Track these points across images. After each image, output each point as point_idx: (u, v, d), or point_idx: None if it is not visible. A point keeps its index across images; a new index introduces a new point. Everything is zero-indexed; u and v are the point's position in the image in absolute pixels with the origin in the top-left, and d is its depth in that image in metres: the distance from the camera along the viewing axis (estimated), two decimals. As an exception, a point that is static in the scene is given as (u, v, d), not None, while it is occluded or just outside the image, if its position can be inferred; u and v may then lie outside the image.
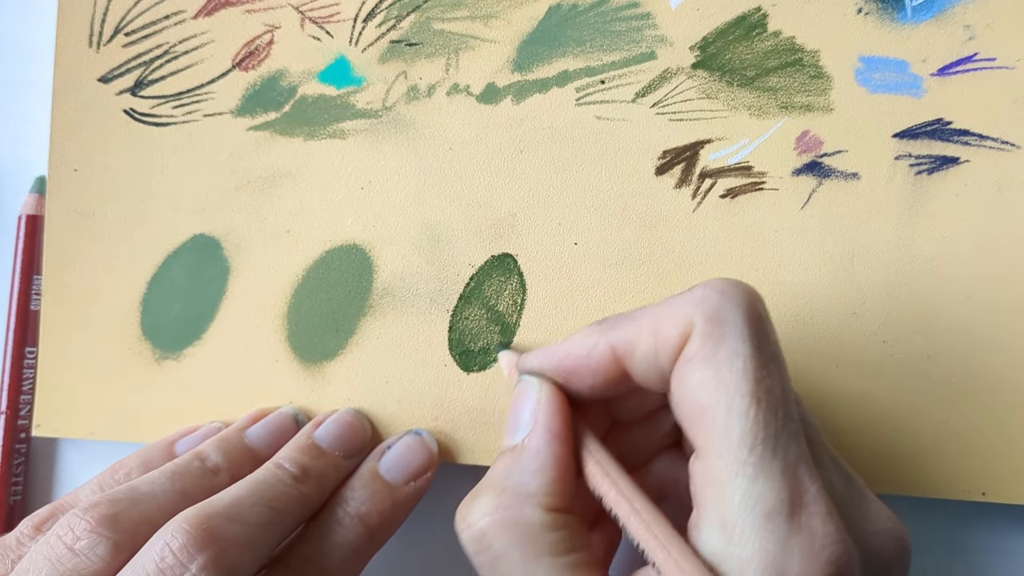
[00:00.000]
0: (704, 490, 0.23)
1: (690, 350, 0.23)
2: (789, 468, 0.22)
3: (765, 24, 0.32)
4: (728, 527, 0.22)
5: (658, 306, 0.25)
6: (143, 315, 0.34)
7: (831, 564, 0.22)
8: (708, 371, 0.23)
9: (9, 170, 0.37)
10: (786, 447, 0.22)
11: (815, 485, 0.22)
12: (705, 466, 0.23)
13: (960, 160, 0.31)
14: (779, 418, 0.22)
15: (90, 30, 0.34)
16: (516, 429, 0.26)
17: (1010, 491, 0.30)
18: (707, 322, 0.23)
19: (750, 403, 0.22)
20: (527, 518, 0.24)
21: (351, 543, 0.28)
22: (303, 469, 0.29)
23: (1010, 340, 0.31)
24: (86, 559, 0.25)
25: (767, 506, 0.22)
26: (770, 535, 0.22)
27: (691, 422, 0.23)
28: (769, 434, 0.22)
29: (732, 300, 0.23)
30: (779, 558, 0.21)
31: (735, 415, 0.22)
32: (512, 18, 0.33)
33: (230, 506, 0.26)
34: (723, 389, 0.23)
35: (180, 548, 0.24)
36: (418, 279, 0.33)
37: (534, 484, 0.25)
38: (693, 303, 0.24)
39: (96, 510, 0.26)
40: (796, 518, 0.22)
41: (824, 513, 0.22)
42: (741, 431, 0.22)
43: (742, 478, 0.22)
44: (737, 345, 0.23)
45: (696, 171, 0.32)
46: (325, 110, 0.34)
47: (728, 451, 0.22)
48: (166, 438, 0.32)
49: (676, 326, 0.24)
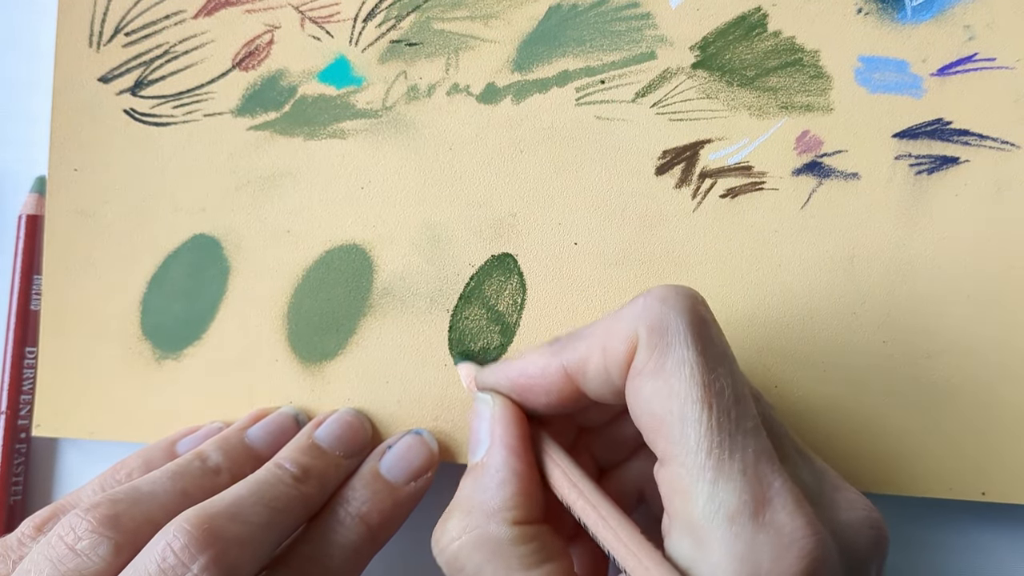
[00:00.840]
0: (670, 498, 0.23)
1: (638, 363, 0.24)
2: (749, 467, 0.22)
3: (765, 24, 0.32)
4: (695, 533, 0.22)
5: (605, 321, 0.25)
6: (143, 315, 0.34)
7: (803, 558, 0.22)
8: (658, 382, 0.23)
9: (9, 170, 0.37)
10: (743, 447, 0.22)
11: (779, 479, 0.22)
12: (668, 474, 0.23)
13: (960, 160, 0.31)
14: (732, 419, 0.23)
15: (90, 30, 0.34)
16: (476, 447, 0.27)
17: (1009, 491, 0.31)
18: (651, 333, 0.23)
19: (702, 409, 0.22)
20: (494, 535, 0.24)
21: (352, 543, 0.28)
22: (304, 469, 0.29)
23: (1010, 340, 0.31)
24: (87, 559, 0.25)
25: (730, 508, 0.22)
26: (736, 537, 0.22)
27: (649, 432, 0.24)
28: (724, 436, 0.22)
29: (673, 307, 0.24)
30: (748, 558, 0.21)
31: (689, 422, 0.22)
32: (512, 18, 0.33)
33: (231, 506, 0.26)
34: (674, 398, 0.23)
35: (181, 548, 0.24)
36: (418, 279, 0.33)
37: (497, 500, 0.25)
38: (635, 315, 0.24)
39: (97, 510, 0.26)
40: (760, 516, 0.22)
41: (791, 506, 0.22)
42: (696, 437, 0.22)
43: (703, 483, 0.22)
44: (683, 352, 0.23)
45: (696, 171, 0.32)
46: (325, 110, 0.34)
47: (687, 458, 0.22)
48: (167, 438, 0.32)
49: (622, 341, 0.24)
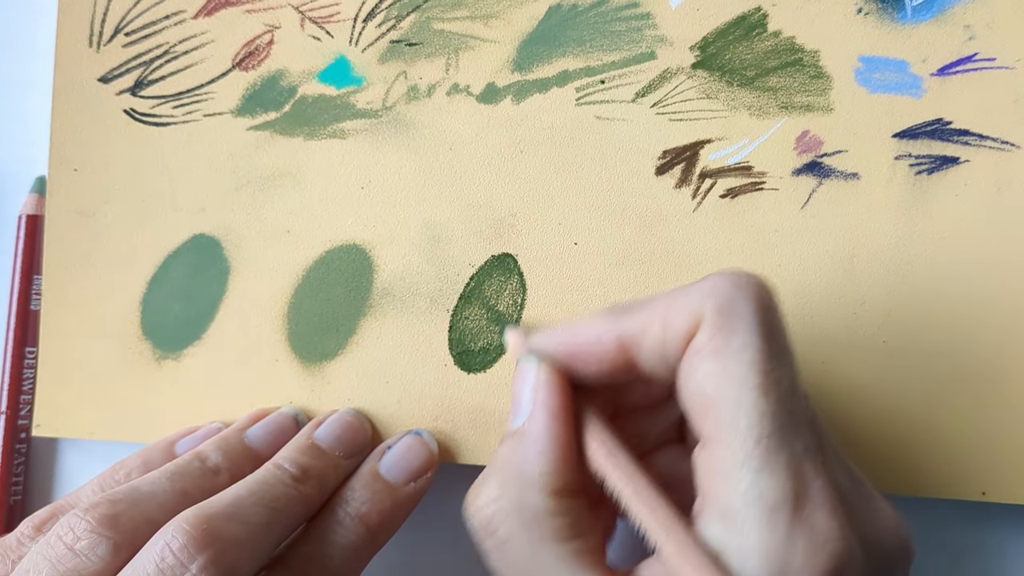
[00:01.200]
0: (708, 480, 0.23)
1: (699, 341, 0.23)
2: (795, 462, 0.22)
3: (765, 24, 0.32)
4: (731, 517, 0.22)
5: (668, 295, 0.24)
6: (143, 315, 0.34)
7: (833, 559, 0.22)
8: (717, 363, 0.23)
9: (9, 170, 0.37)
10: (792, 441, 0.22)
11: (820, 480, 0.22)
12: (710, 456, 0.23)
13: (960, 160, 0.31)
14: (787, 411, 0.22)
15: (90, 30, 0.34)
16: (518, 411, 0.26)
17: (1010, 491, 0.30)
18: (718, 313, 0.23)
19: (758, 396, 0.22)
20: (531, 503, 0.24)
21: (352, 543, 0.28)
22: (303, 469, 0.29)
23: (1010, 340, 0.31)
24: (86, 559, 0.25)
25: (772, 498, 0.22)
26: (773, 527, 0.21)
27: (698, 412, 0.23)
28: (776, 427, 0.22)
29: (744, 291, 0.23)
30: (781, 550, 0.21)
31: (743, 407, 0.22)
32: (512, 18, 0.33)
33: (230, 506, 0.26)
34: (731, 381, 0.22)
35: (180, 548, 0.24)
36: (418, 279, 0.33)
37: (536, 468, 0.24)
38: (704, 293, 0.23)
39: (96, 510, 0.26)
40: (800, 512, 0.22)
41: (828, 508, 0.22)
42: (748, 423, 0.22)
43: (747, 470, 0.22)
44: (747, 337, 0.23)
45: (696, 171, 0.32)
46: (325, 110, 0.34)
47: (734, 442, 0.22)
48: (166, 438, 0.32)
49: (686, 316, 0.23)
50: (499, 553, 0.24)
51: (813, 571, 0.21)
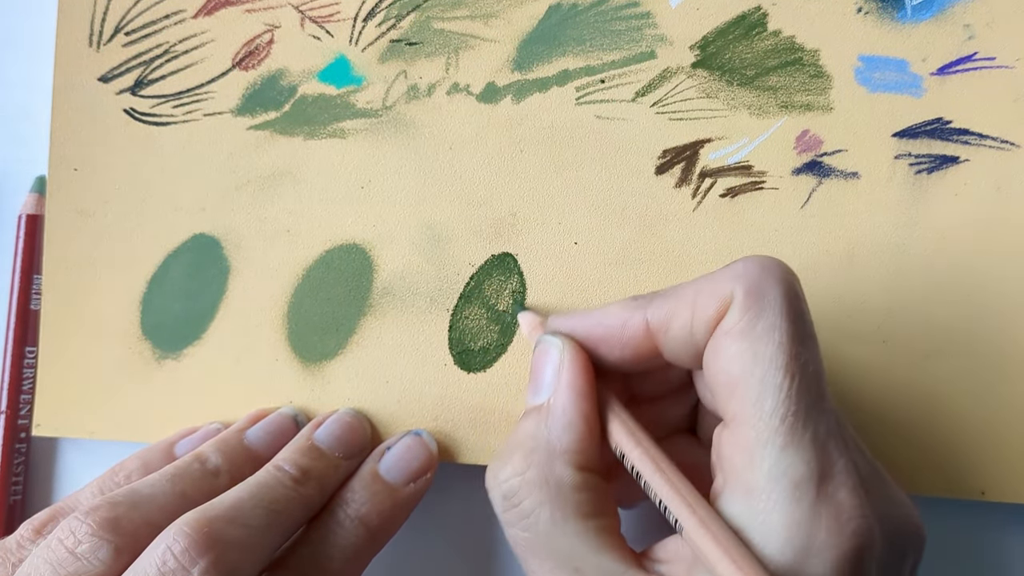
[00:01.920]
0: (732, 458, 0.23)
1: (728, 322, 0.24)
2: (819, 441, 0.22)
3: (765, 23, 0.32)
4: (754, 494, 0.22)
5: (697, 281, 0.25)
6: (143, 315, 0.34)
7: (856, 536, 0.22)
8: (745, 343, 0.23)
9: (9, 170, 0.37)
10: (817, 421, 0.23)
11: (844, 459, 0.23)
12: (735, 435, 0.23)
13: (960, 159, 0.31)
14: (812, 393, 0.23)
15: (90, 29, 0.34)
16: (539, 388, 0.26)
17: (1009, 490, 0.31)
18: (747, 295, 0.23)
19: (784, 376, 0.23)
20: (558, 476, 0.24)
21: (352, 544, 0.28)
22: (303, 471, 0.29)
23: (1009, 340, 0.31)
24: (87, 563, 0.25)
25: (796, 475, 0.22)
26: (797, 504, 0.22)
27: (723, 392, 0.24)
28: (801, 407, 0.22)
29: (772, 275, 0.24)
30: (805, 526, 0.22)
31: (769, 387, 0.23)
32: (512, 17, 0.33)
33: (231, 509, 0.26)
34: (759, 361, 0.23)
35: (182, 552, 0.24)
36: (418, 278, 0.33)
37: (564, 442, 0.25)
38: (734, 276, 0.24)
39: (97, 513, 0.26)
40: (824, 488, 0.22)
41: (851, 486, 0.22)
42: (774, 402, 0.22)
43: (772, 447, 0.22)
44: (775, 319, 0.23)
45: (696, 170, 0.32)
46: (325, 109, 0.34)
47: (760, 420, 0.23)
48: (166, 440, 0.32)
49: (715, 298, 0.24)
50: (521, 526, 0.25)
51: (836, 548, 0.22)
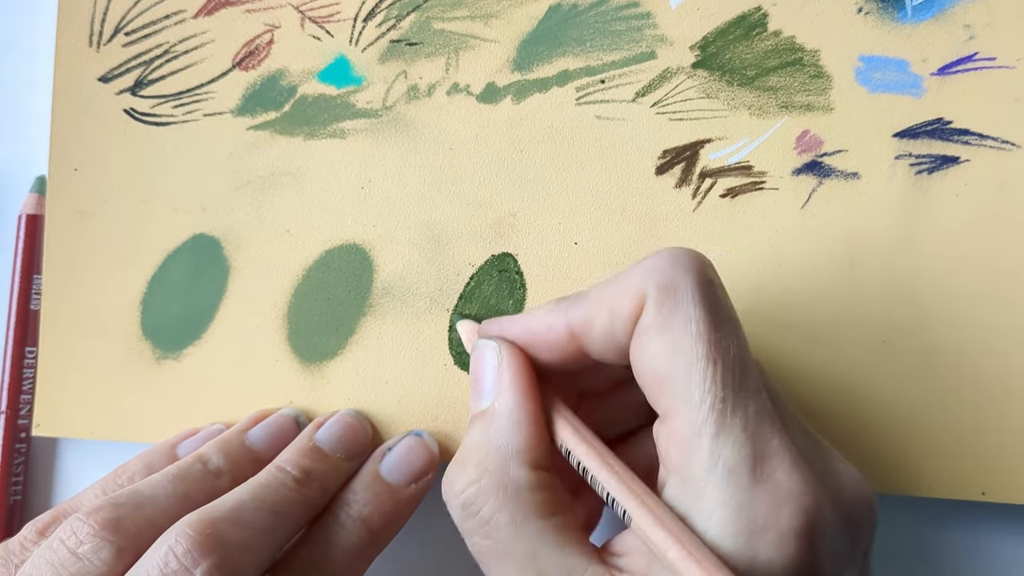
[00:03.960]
0: (669, 451, 0.23)
1: (645, 320, 0.24)
2: (750, 424, 0.23)
3: (765, 24, 0.32)
4: (692, 484, 0.23)
5: (611, 281, 0.25)
6: (143, 315, 0.34)
7: (800, 514, 0.22)
8: (664, 338, 0.23)
9: (9, 170, 0.37)
10: (745, 404, 0.23)
11: (777, 438, 0.23)
12: (668, 428, 0.23)
13: (960, 160, 0.31)
14: (736, 378, 0.23)
15: (90, 29, 0.34)
16: (482, 394, 0.26)
17: (1010, 491, 0.31)
18: (659, 291, 0.24)
19: (707, 365, 0.23)
20: (514, 478, 0.25)
21: (353, 545, 0.28)
22: (305, 472, 0.29)
23: (1010, 340, 0.31)
24: (89, 563, 0.25)
25: (730, 462, 0.22)
26: (734, 488, 0.22)
27: (652, 388, 0.24)
28: (727, 393, 0.23)
29: (683, 267, 0.24)
30: (744, 510, 0.22)
31: (693, 378, 0.23)
32: (512, 17, 0.33)
33: (233, 510, 0.26)
34: (680, 354, 0.23)
35: (184, 553, 0.24)
36: (418, 279, 0.33)
37: (514, 442, 0.25)
38: (644, 273, 0.24)
39: (99, 514, 0.26)
40: (759, 471, 0.22)
41: (789, 465, 0.23)
42: (700, 393, 0.23)
43: (704, 437, 0.23)
44: (690, 310, 0.23)
45: (696, 171, 0.32)
46: (325, 110, 0.34)
47: (689, 412, 0.23)
48: (167, 440, 0.32)
49: (630, 298, 0.24)
50: (482, 534, 0.25)
51: (779, 527, 0.22)
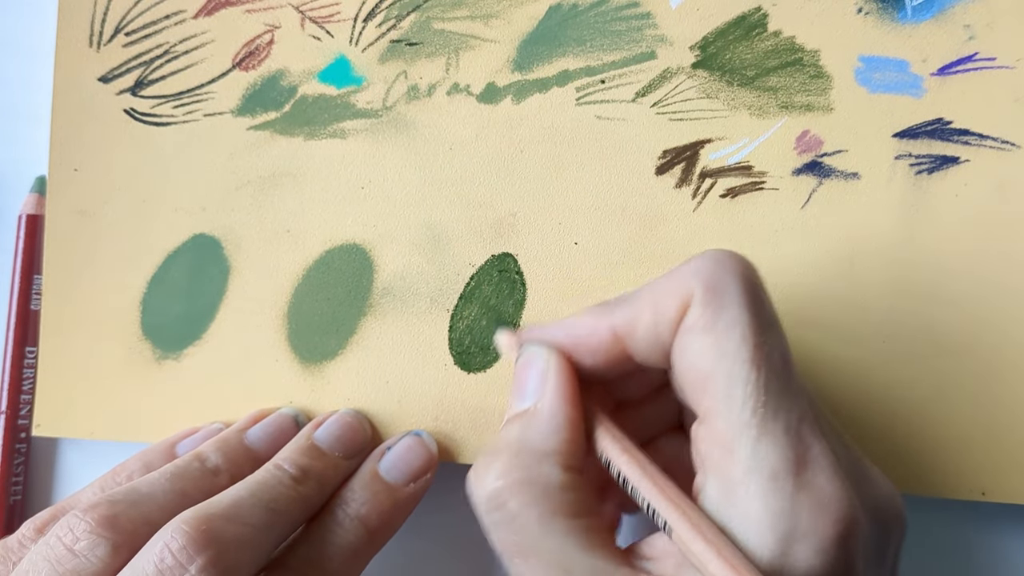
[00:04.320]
0: (709, 453, 0.23)
1: (690, 319, 0.24)
2: (792, 428, 0.23)
3: (765, 24, 0.32)
4: (733, 487, 0.22)
5: (656, 282, 0.25)
6: (143, 315, 0.34)
7: (840, 521, 0.22)
8: (708, 338, 0.23)
9: (9, 170, 0.37)
10: (788, 409, 0.23)
11: (818, 444, 0.23)
12: (709, 430, 0.23)
13: (960, 160, 0.31)
14: (780, 381, 0.23)
15: (90, 30, 0.34)
16: (524, 395, 0.26)
17: (1010, 491, 0.30)
18: (706, 291, 0.24)
19: (751, 368, 0.23)
20: (545, 477, 0.24)
21: (351, 544, 0.28)
22: (303, 470, 0.29)
23: (1010, 340, 0.31)
24: (86, 560, 0.25)
25: (772, 466, 0.22)
26: (776, 493, 0.22)
27: (694, 389, 0.24)
28: (770, 397, 0.23)
29: (729, 269, 0.24)
30: (786, 515, 0.22)
31: (736, 380, 0.23)
32: (512, 18, 0.33)
33: (230, 507, 0.26)
34: (724, 355, 0.23)
35: (179, 549, 0.24)
36: (418, 279, 0.33)
37: (551, 443, 0.25)
38: (691, 274, 0.24)
39: (96, 511, 0.26)
40: (801, 476, 0.22)
41: (829, 471, 0.22)
42: (743, 395, 0.23)
43: (746, 440, 0.22)
44: (736, 312, 0.23)
45: (696, 171, 0.32)
46: (325, 110, 0.34)
47: (731, 414, 0.23)
48: (167, 439, 0.32)
49: (675, 297, 0.24)
50: (506, 528, 0.24)
51: (819, 534, 0.22)
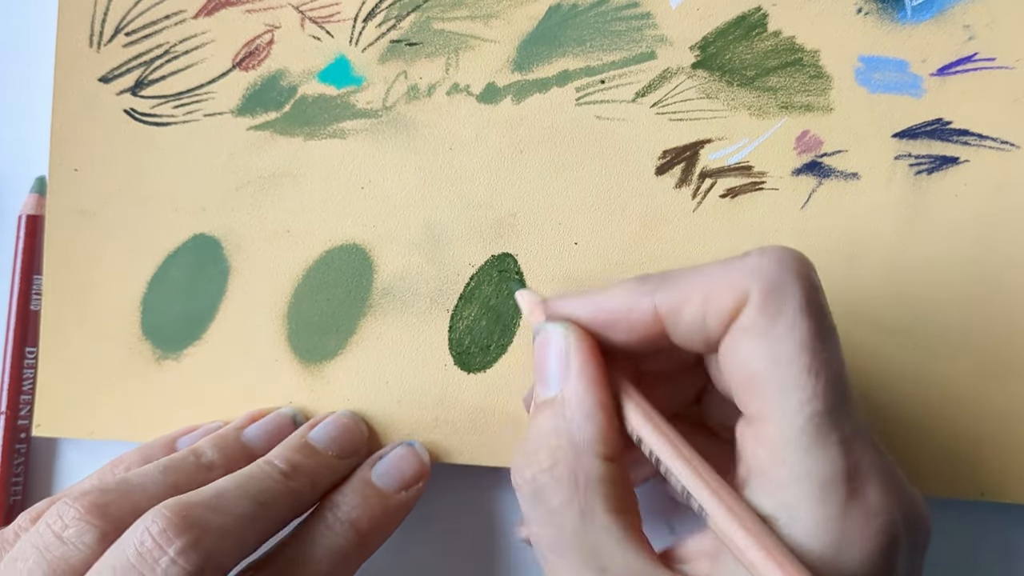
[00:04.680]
0: (755, 452, 0.23)
1: (745, 320, 0.23)
2: (846, 440, 0.22)
3: (765, 24, 0.32)
4: (781, 489, 0.22)
5: (708, 269, 0.24)
6: (143, 315, 0.34)
7: (885, 533, 0.22)
8: (765, 343, 0.22)
9: (9, 170, 0.37)
10: (843, 420, 0.22)
11: (869, 455, 0.22)
12: (758, 431, 0.23)
13: (960, 160, 0.31)
14: (837, 391, 0.22)
15: (91, 30, 0.34)
16: (547, 381, 0.25)
17: (1009, 491, 0.30)
18: (764, 294, 0.23)
19: (808, 376, 0.22)
20: (586, 469, 0.24)
21: (341, 548, 0.28)
22: (293, 466, 0.29)
23: (1009, 340, 0.31)
24: (73, 547, 0.25)
25: (824, 476, 0.22)
26: (826, 503, 0.22)
27: (742, 389, 0.23)
28: (827, 407, 0.22)
29: (790, 270, 0.23)
30: (835, 523, 0.22)
31: (792, 387, 0.22)
32: (512, 18, 0.33)
33: (213, 497, 0.26)
34: (780, 362, 0.22)
35: (159, 532, 0.24)
36: (418, 279, 0.33)
37: (586, 433, 0.24)
38: (749, 271, 0.23)
39: (86, 498, 0.26)
40: (854, 487, 0.22)
41: (879, 484, 0.22)
42: (799, 403, 0.22)
43: (798, 447, 0.22)
44: (795, 318, 0.22)
45: (696, 171, 0.32)
46: (325, 110, 0.34)
47: (783, 420, 0.22)
48: (167, 435, 0.32)
49: (730, 294, 0.23)
50: (549, 523, 0.24)
51: (866, 544, 0.22)
